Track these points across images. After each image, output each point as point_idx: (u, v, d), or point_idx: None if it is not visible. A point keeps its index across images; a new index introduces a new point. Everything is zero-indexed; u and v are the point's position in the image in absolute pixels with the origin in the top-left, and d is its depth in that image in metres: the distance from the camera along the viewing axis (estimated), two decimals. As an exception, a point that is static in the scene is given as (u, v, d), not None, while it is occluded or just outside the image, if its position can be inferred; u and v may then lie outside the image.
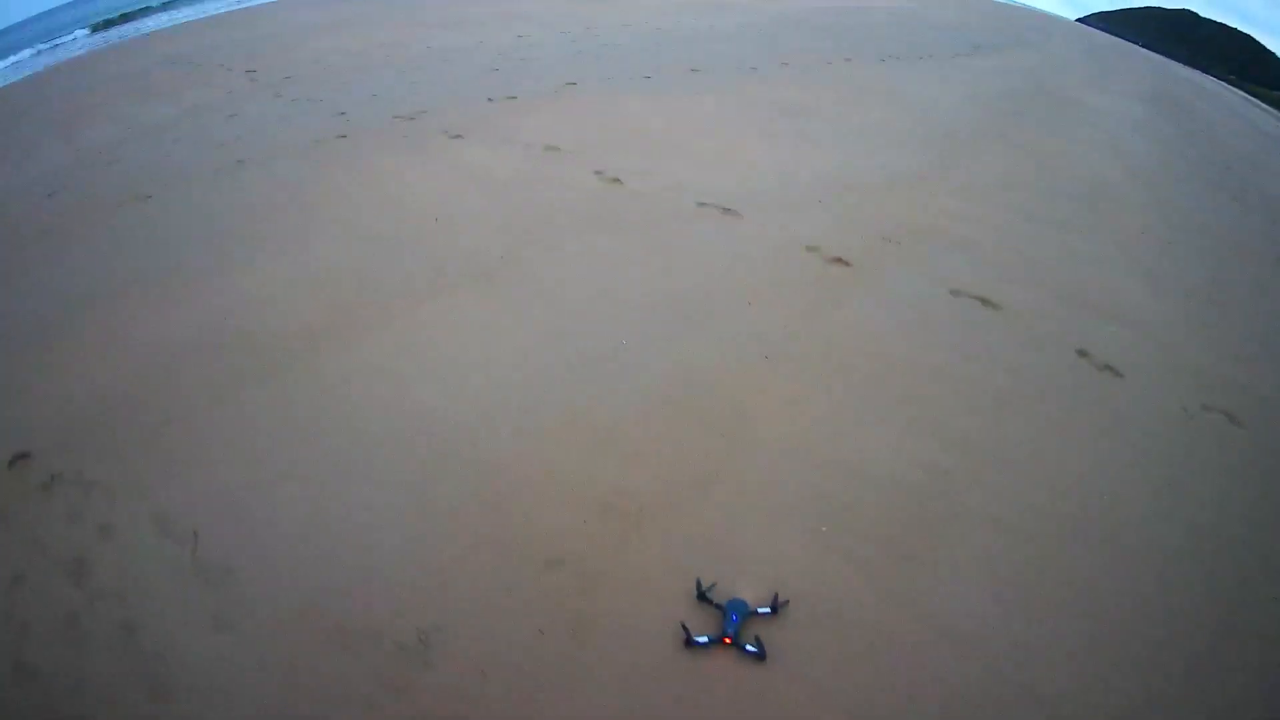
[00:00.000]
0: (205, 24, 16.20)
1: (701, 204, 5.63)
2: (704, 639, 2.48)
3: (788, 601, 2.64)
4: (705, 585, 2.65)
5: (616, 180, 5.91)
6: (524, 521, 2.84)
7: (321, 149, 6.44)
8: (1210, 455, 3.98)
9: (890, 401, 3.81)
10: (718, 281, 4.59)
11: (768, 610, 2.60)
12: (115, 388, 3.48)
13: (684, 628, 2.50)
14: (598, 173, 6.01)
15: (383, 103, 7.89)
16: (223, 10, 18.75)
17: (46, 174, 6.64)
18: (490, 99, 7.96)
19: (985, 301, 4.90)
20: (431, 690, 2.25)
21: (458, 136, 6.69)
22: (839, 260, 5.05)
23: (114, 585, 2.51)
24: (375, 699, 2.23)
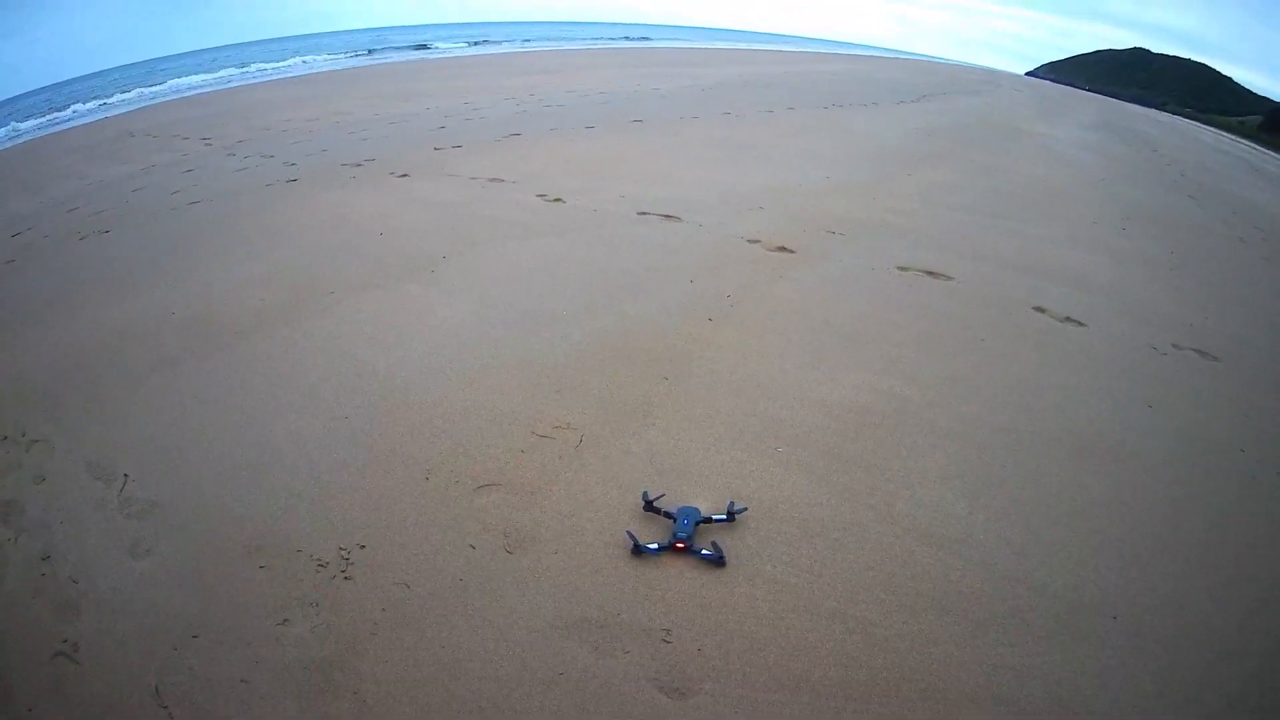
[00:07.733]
0: (166, 105, 17.04)
1: (642, 213, 5.78)
2: (654, 546, 2.30)
3: (745, 508, 2.48)
4: (653, 496, 2.50)
5: (559, 199, 6.12)
6: (456, 451, 2.76)
7: (272, 190, 6.81)
8: (1189, 382, 3.89)
9: (843, 347, 3.76)
10: (659, 267, 4.63)
11: (724, 517, 2.43)
12: (67, 363, 3.65)
13: (630, 535, 2.32)
14: (540, 195, 6.23)
15: (331, 155, 8.30)
16: (184, 95, 19.77)
17: (13, 219, 7.11)
18: (436, 148, 8.34)
19: (933, 274, 4.91)
20: (349, 600, 2.14)
21: (404, 175, 6.98)
22: (782, 249, 5.11)
23: (39, 522, 2.54)
24: (289, 608, 2.12)
